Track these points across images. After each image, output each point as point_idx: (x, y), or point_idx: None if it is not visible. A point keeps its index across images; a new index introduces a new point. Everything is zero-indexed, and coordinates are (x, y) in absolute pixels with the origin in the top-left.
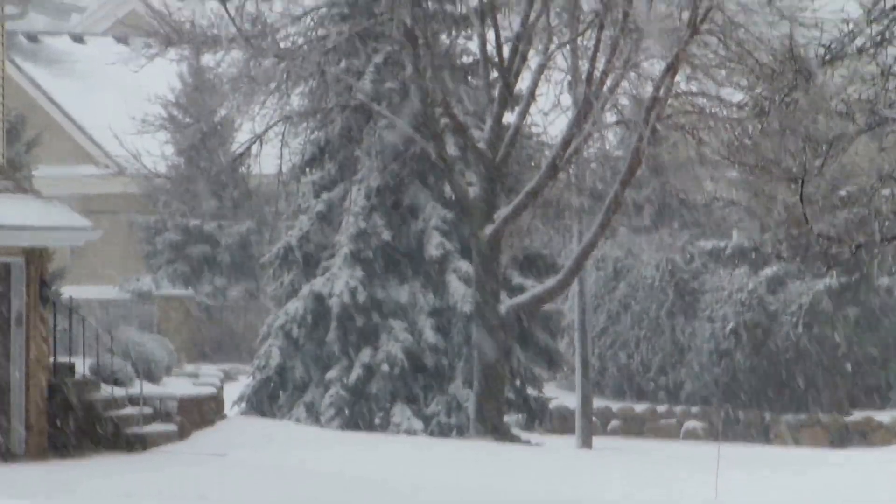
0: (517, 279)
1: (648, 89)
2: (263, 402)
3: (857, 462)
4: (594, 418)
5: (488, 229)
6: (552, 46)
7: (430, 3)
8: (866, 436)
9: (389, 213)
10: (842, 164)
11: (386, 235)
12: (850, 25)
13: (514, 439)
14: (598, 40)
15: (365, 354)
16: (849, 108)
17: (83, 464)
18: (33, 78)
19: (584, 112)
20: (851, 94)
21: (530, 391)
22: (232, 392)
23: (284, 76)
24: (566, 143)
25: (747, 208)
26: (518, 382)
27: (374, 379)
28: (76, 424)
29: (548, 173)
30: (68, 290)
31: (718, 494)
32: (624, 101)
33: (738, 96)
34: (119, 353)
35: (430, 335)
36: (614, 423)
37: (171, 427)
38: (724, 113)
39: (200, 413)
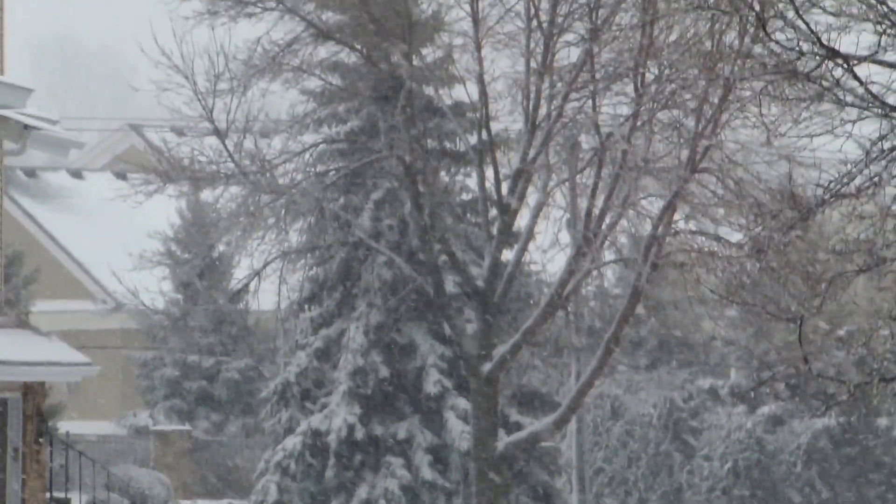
0: (515, 416)
1: (647, 227)
2: None
3: None
4: None
5: (486, 367)
6: (551, 184)
7: (429, 141)
8: None
9: (387, 350)
10: (840, 303)
11: (384, 372)
12: (849, 166)
13: None
14: (597, 178)
15: (363, 490)
16: (847, 247)
17: None
18: (31, 213)
19: (583, 250)
20: (850, 233)
21: None
22: None
23: (283, 212)
24: (564, 280)
25: (746, 347)
26: None
27: None
28: None
29: (546, 311)
30: (65, 426)
31: None
32: (623, 239)
33: (736, 235)
34: (116, 489)
35: (427, 472)
36: None
37: None
38: (723, 252)
39: None
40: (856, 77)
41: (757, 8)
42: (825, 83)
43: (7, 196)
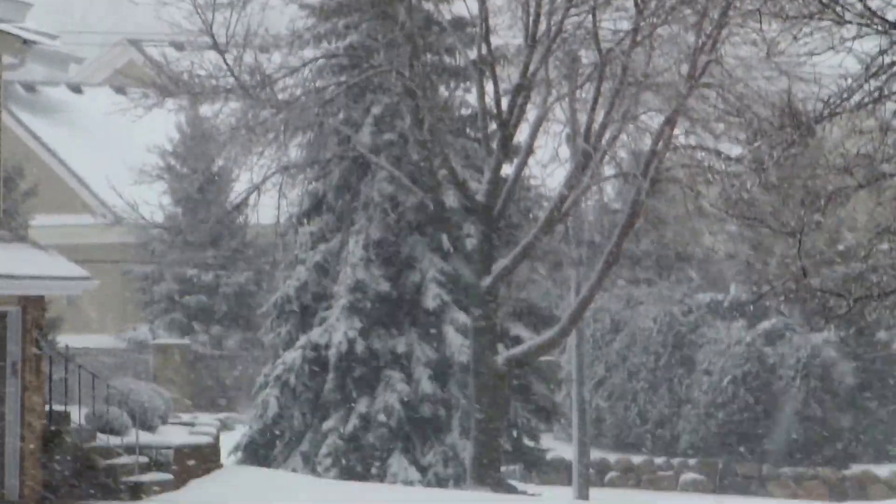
0: (515, 330)
1: (647, 142)
2: (260, 451)
3: None
4: (591, 470)
5: (486, 281)
6: (551, 99)
7: (429, 56)
8: (865, 490)
9: (387, 265)
10: (840, 218)
11: (384, 286)
12: (849, 81)
13: (511, 490)
14: (597, 93)
15: (362, 405)
16: (847, 162)
17: None
18: (30, 128)
19: (583, 164)
20: (850, 148)
21: (527, 442)
22: (228, 441)
23: (282, 127)
24: (564, 195)
25: (745, 262)
26: (515, 434)
27: (371, 429)
28: (71, 473)
29: (546, 225)
30: (64, 339)
31: None
32: (622, 153)
33: (736, 150)
34: (115, 402)
35: (427, 386)
36: (611, 474)
37: (167, 476)
38: (723, 167)
39: (196, 462)
40: None
41: None
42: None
43: (6, 111)
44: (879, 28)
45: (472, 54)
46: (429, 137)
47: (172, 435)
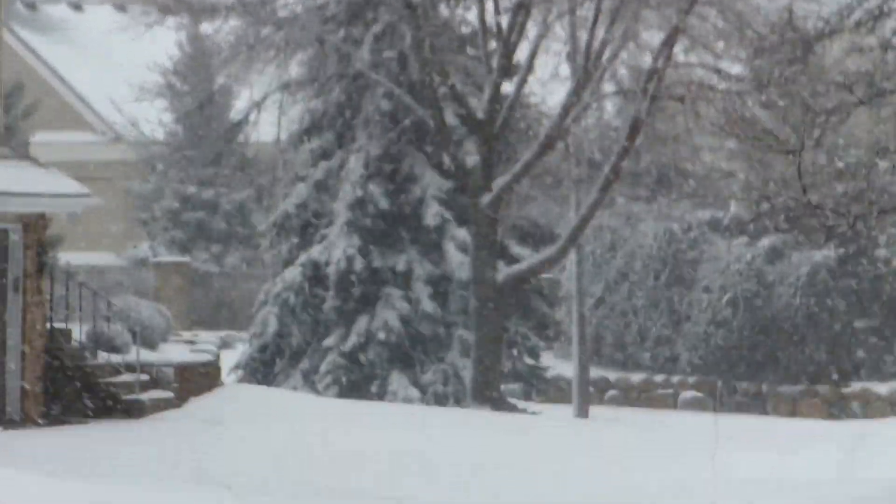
0: (515, 248)
1: (647, 60)
2: (260, 369)
3: (854, 434)
4: (591, 388)
5: (486, 198)
6: (551, 16)
7: None
8: (865, 407)
9: (387, 182)
10: (840, 135)
11: (383, 204)
12: None
13: (511, 409)
14: (597, 10)
15: (362, 322)
16: (847, 80)
17: (79, 431)
18: (31, 46)
19: (583, 82)
20: (850, 66)
21: (527, 360)
22: (229, 359)
23: (283, 44)
24: (564, 112)
25: (745, 179)
26: (515, 352)
27: (371, 346)
28: (73, 391)
29: (546, 143)
30: (65, 257)
31: (716, 467)
32: (622, 71)
33: (736, 68)
34: (116, 319)
35: (427, 303)
36: (611, 392)
37: (168, 394)
38: (723, 85)
39: (197, 380)
40: None
41: None
42: None
43: (7, 28)
44: None
45: None
46: (429, 55)
47: (173, 353)
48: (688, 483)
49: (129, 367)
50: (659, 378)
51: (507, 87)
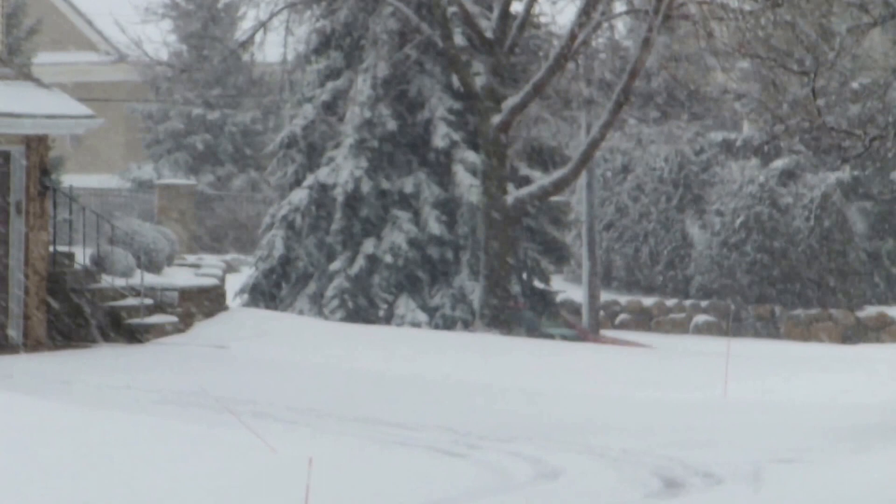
0: (524, 171)
1: None
2: (266, 293)
3: (868, 359)
4: (601, 312)
5: (495, 120)
6: None
7: None
8: (878, 332)
9: (395, 103)
10: (855, 56)
11: (391, 125)
12: None
13: (519, 332)
14: None
15: (369, 245)
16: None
17: (82, 355)
18: None
19: (593, 1)
20: None
21: (537, 284)
22: (234, 283)
23: None
24: (574, 33)
25: (758, 100)
26: (524, 275)
27: (378, 270)
28: (76, 315)
29: (556, 63)
30: (68, 179)
31: (728, 390)
32: None
33: None
34: (120, 243)
35: (435, 226)
36: (622, 316)
37: (172, 318)
38: (736, 3)
39: (202, 304)
40: None
41: None
42: None
43: None
44: None
45: None
46: None
47: (178, 277)
48: (697, 405)
49: (134, 291)
50: (671, 302)
51: (517, 7)
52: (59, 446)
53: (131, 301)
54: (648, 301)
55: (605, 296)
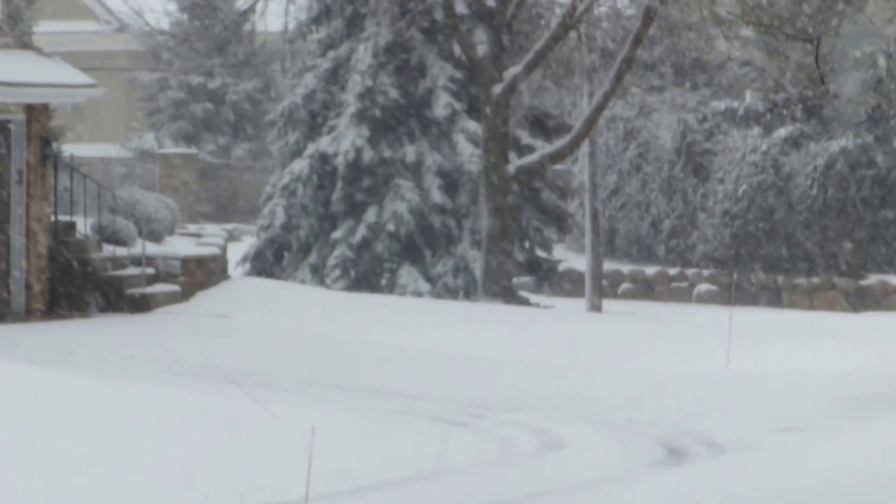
0: (526, 139)
1: None
2: (268, 262)
3: (872, 327)
4: (604, 281)
5: (497, 88)
6: None
7: None
8: (882, 301)
9: (397, 72)
10: (858, 24)
11: (393, 94)
12: None
13: (522, 302)
14: None
15: (370, 214)
16: None
17: (84, 325)
18: None
19: None
20: None
21: (539, 253)
22: (236, 252)
23: None
24: (576, 1)
25: (761, 68)
26: (527, 244)
27: (380, 239)
28: (77, 284)
29: (558, 32)
30: (69, 149)
31: (730, 360)
32: None
33: None
34: (121, 212)
35: (437, 195)
36: (625, 286)
37: (174, 288)
38: None
39: (204, 274)
40: None
41: None
42: None
43: None
44: None
45: None
46: None
47: (179, 246)
48: (700, 374)
49: (135, 261)
50: (673, 271)
51: None
52: (64, 416)
53: (133, 271)
54: (651, 270)
55: (607, 265)
